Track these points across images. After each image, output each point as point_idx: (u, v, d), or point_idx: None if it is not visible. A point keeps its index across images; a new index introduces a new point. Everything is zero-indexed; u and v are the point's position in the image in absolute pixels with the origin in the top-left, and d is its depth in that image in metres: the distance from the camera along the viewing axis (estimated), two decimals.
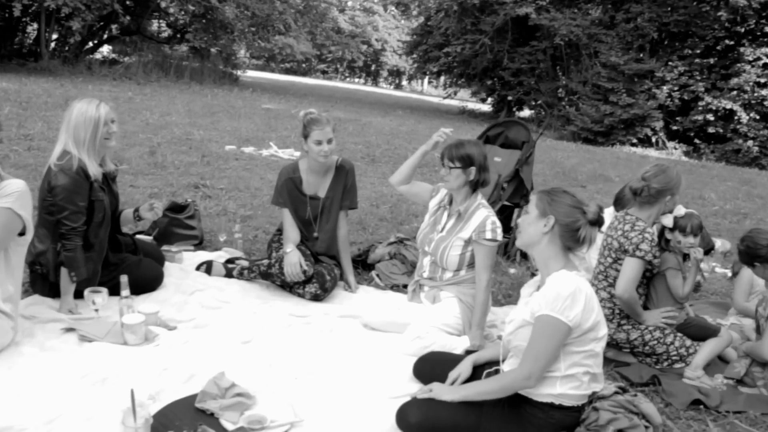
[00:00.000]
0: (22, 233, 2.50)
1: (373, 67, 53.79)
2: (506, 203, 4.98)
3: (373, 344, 3.10)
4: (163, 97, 13.59)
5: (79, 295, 2.97)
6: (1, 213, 2.39)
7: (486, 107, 25.18)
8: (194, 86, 17.34)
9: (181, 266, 3.76)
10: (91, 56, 18.97)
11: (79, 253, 2.91)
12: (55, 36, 17.48)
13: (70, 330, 2.72)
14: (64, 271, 2.91)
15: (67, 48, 17.59)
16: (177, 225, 4.09)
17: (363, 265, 4.23)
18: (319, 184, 3.77)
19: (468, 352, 3.02)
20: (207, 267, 3.75)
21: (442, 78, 27.26)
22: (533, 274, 4.83)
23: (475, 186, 3.25)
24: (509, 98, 22.59)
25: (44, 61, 15.82)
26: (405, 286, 3.96)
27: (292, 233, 3.68)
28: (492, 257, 3.22)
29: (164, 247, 3.88)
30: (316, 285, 3.56)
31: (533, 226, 2.24)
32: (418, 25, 29.20)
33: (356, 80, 53.43)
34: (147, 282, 3.31)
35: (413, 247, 4.20)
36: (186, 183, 6.08)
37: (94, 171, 2.96)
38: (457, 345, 3.07)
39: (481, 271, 3.18)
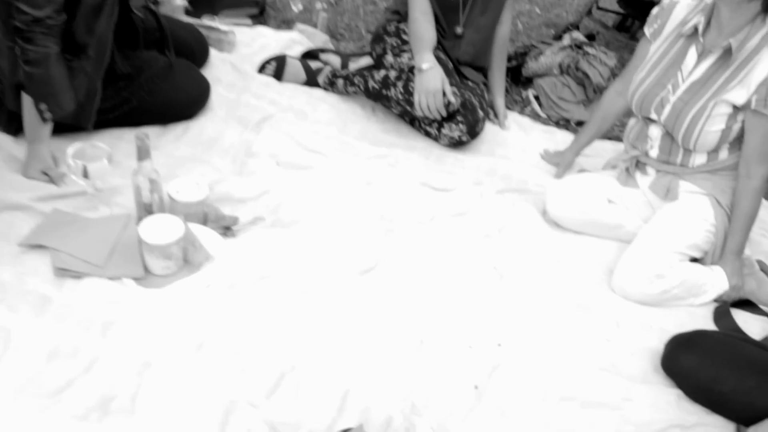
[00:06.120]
0: None
1: None
2: None
3: (574, 267, 1.78)
4: None
5: (61, 128, 1.59)
6: None
7: None
8: None
9: (233, 60, 2.22)
10: None
11: (54, 67, 1.44)
12: None
13: (39, 247, 1.35)
14: (27, 100, 1.47)
15: None
16: None
17: (514, 77, 2.68)
18: None
19: (724, 303, 1.79)
20: (277, 67, 2.24)
21: None
22: None
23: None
24: None
25: None
26: (578, 124, 2.51)
27: (427, 31, 2.07)
28: None
29: (205, 22, 2.32)
30: (463, 127, 2.11)
31: None
32: None
33: None
34: (182, 107, 1.85)
35: (599, 59, 2.61)
36: None
37: None
38: (708, 286, 1.78)
39: (755, 163, 1.72)
